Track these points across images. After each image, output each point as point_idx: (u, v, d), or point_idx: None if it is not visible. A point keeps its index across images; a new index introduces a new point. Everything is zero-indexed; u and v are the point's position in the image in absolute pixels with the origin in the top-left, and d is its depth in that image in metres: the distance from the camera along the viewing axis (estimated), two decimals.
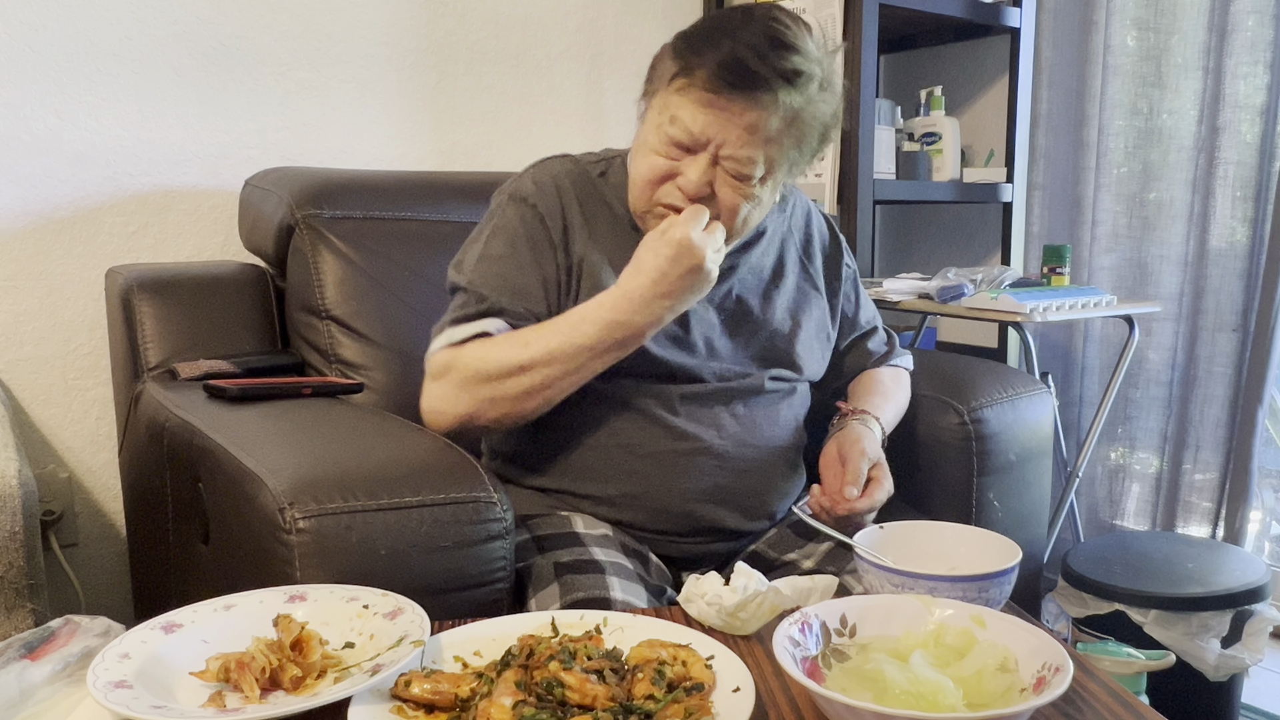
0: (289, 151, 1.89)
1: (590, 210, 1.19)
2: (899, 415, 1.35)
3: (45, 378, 1.72)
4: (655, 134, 1.09)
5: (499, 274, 1.15)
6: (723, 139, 1.06)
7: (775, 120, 1.06)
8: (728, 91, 1.03)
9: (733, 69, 1.03)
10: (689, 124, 1.06)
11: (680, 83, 1.06)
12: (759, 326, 1.23)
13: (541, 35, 2.14)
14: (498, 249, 1.17)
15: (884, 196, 2.15)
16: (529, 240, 1.16)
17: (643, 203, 1.13)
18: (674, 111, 1.07)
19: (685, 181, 1.08)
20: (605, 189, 1.20)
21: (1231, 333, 2.08)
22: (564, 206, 1.18)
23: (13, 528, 1.14)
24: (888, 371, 1.39)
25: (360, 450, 1.07)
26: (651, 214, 1.13)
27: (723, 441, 1.17)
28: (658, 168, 1.10)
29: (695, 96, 1.05)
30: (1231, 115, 2.03)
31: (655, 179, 1.10)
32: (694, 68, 1.05)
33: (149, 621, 0.81)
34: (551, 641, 0.77)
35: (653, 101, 1.11)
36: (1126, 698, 0.78)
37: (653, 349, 1.15)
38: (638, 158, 1.13)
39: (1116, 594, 1.67)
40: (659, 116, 1.09)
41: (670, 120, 1.07)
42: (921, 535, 1.01)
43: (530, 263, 1.15)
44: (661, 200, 1.11)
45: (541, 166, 1.22)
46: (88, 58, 1.68)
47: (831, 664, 0.77)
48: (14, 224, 1.66)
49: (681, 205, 1.10)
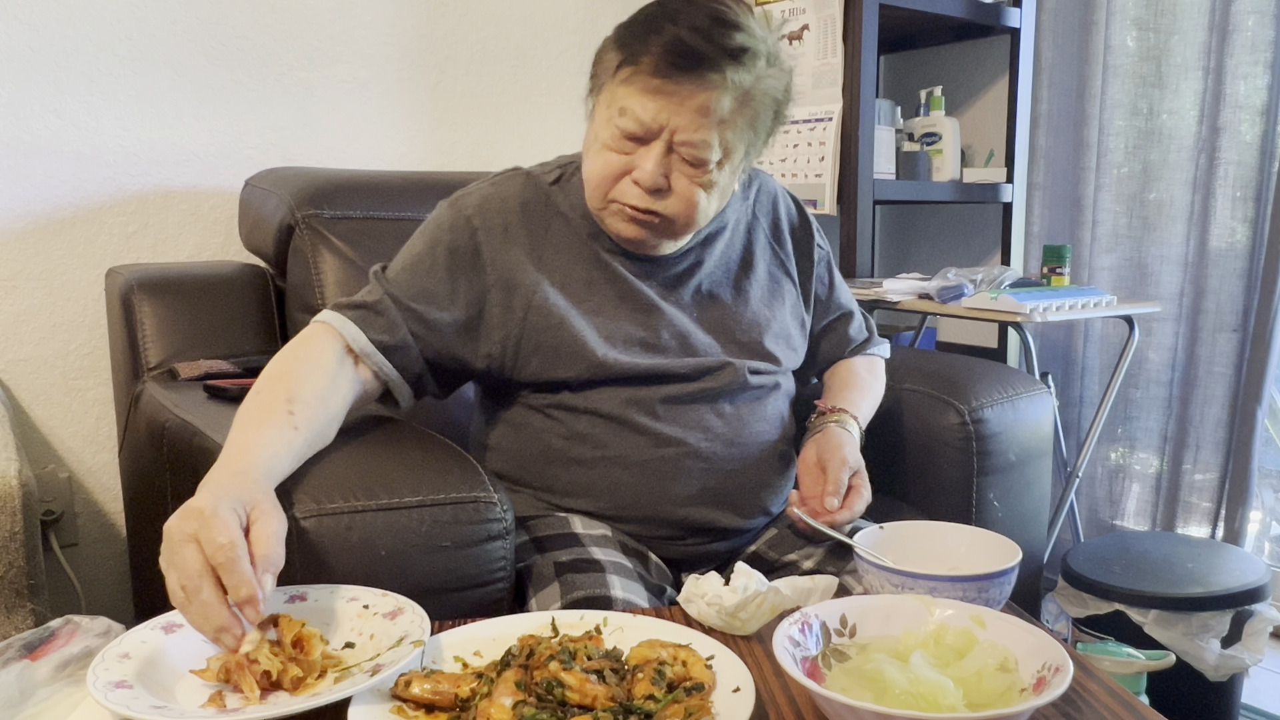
0: (289, 151, 1.89)
1: (539, 229, 1.17)
2: (875, 407, 1.35)
3: (45, 378, 1.72)
4: (605, 128, 1.07)
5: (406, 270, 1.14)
6: (675, 124, 1.04)
7: (726, 100, 1.04)
8: (675, 75, 1.02)
9: (678, 51, 1.02)
10: (639, 113, 1.04)
11: (626, 72, 1.04)
12: (733, 318, 1.22)
13: (541, 35, 2.14)
14: (418, 257, 1.15)
15: (884, 196, 2.15)
16: (450, 250, 1.14)
17: (598, 200, 1.12)
18: (622, 103, 1.05)
19: (641, 174, 1.06)
20: (560, 199, 1.19)
21: (1231, 333, 2.08)
22: (506, 227, 1.15)
23: (13, 528, 1.14)
24: (862, 361, 1.38)
25: (360, 450, 1.06)
26: (607, 211, 1.12)
27: (709, 443, 1.16)
28: (612, 164, 1.08)
29: (642, 84, 1.03)
30: (1231, 115, 2.03)
31: (610, 176, 1.08)
32: (638, 55, 1.03)
33: (149, 621, 0.81)
34: (551, 641, 0.77)
35: (599, 97, 1.10)
36: (1126, 698, 0.78)
37: (622, 357, 1.14)
38: (590, 156, 1.11)
39: (1116, 594, 1.67)
40: (607, 110, 1.07)
41: (619, 112, 1.05)
42: (921, 535, 1.01)
43: (443, 277, 1.13)
44: (618, 198, 1.10)
45: (495, 184, 1.20)
46: (88, 58, 1.68)
47: (831, 664, 0.77)
48: (14, 224, 1.66)
49: (639, 202, 1.08)
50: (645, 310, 1.18)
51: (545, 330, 1.14)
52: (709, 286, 1.22)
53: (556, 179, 1.21)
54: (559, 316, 1.14)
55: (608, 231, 1.16)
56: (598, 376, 1.14)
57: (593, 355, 1.13)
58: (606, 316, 1.16)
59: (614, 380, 1.15)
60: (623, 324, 1.16)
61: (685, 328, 1.19)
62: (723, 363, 1.19)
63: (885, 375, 1.42)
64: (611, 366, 1.14)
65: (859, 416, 1.25)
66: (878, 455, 1.33)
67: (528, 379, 1.16)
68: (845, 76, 2.03)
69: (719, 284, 1.23)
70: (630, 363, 1.14)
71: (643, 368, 1.15)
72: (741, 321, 1.22)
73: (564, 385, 1.15)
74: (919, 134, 2.32)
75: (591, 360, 1.13)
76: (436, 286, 1.13)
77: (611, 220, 1.13)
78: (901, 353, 1.63)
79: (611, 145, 1.07)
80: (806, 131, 2.09)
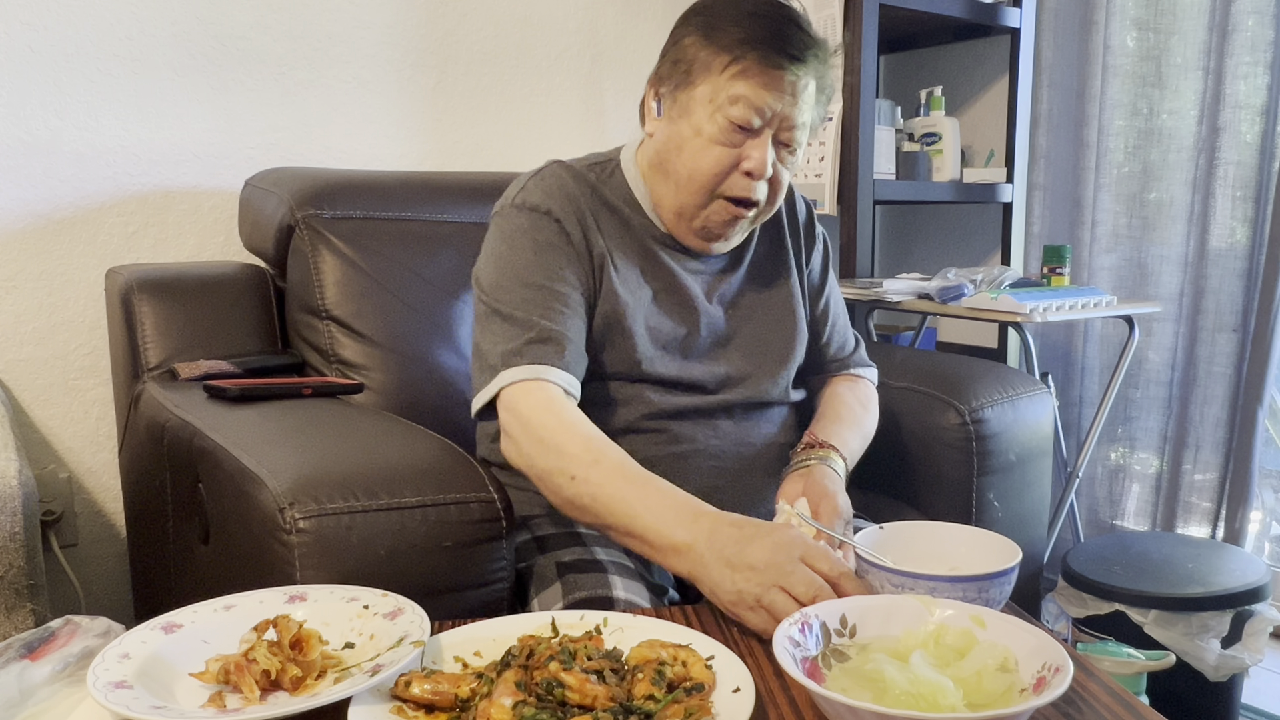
0: (289, 151, 1.89)
1: (598, 210, 1.17)
2: (864, 446, 1.27)
3: (45, 378, 1.72)
4: (711, 123, 1.08)
5: (533, 287, 1.10)
6: (786, 111, 1.08)
7: (813, 84, 1.09)
8: (786, 63, 1.06)
9: (782, 39, 1.06)
10: (755, 101, 1.06)
11: (736, 68, 1.06)
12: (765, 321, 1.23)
13: (541, 35, 2.14)
14: (522, 259, 1.12)
15: (884, 196, 2.15)
16: (549, 245, 1.12)
17: (703, 197, 1.11)
18: (734, 92, 1.06)
19: (756, 164, 1.08)
20: (606, 191, 1.19)
21: (1231, 333, 2.08)
22: (576, 209, 1.15)
23: (13, 528, 1.14)
24: (854, 393, 1.32)
25: (360, 450, 1.06)
26: (709, 207, 1.12)
27: (719, 442, 1.17)
28: (724, 158, 1.09)
29: (757, 75, 1.06)
30: (1231, 115, 2.03)
31: (723, 170, 1.09)
32: (744, 52, 1.06)
33: (149, 621, 0.81)
34: (551, 642, 0.77)
35: (693, 92, 1.09)
36: (1126, 698, 0.78)
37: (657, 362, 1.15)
38: (689, 153, 1.10)
39: (1116, 594, 1.67)
40: (711, 104, 1.08)
41: (731, 102, 1.07)
42: (921, 535, 1.01)
43: (556, 266, 1.11)
44: (725, 193, 1.11)
45: (542, 175, 1.19)
46: (88, 58, 1.68)
47: (831, 664, 0.77)
48: (14, 224, 1.66)
49: (748, 194, 1.10)
50: (688, 307, 1.18)
51: (604, 312, 1.14)
52: (747, 282, 1.23)
53: (599, 175, 1.20)
54: (617, 302, 1.14)
55: (685, 233, 1.16)
56: (632, 374, 1.14)
57: (633, 351, 1.14)
58: (653, 311, 1.17)
59: (643, 379, 1.15)
60: (666, 320, 1.17)
61: (721, 328, 1.20)
62: (747, 375, 1.20)
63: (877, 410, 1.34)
64: (646, 369, 1.14)
65: (847, 456, 1.19)
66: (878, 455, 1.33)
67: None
68: (845, 76, 2.03)
69: (755, 280, 1.24)
70: (664, 369, 1.15)
71: (675, 375, 1.16)
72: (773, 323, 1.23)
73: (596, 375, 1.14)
74: (919, 134, 2.32)
75: (631, 357, 1.14)
76: (560, 290, 1.11)
77: (709, 216, 1.13)
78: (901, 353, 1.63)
79: (720, 139, 1.08)
80: None
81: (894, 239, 2.72)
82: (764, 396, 1.21)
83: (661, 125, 1.13)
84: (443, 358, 1.52)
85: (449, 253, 1.58)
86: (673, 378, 1.16)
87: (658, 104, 1.14)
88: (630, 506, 0.97)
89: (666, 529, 0.94)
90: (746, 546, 0.88)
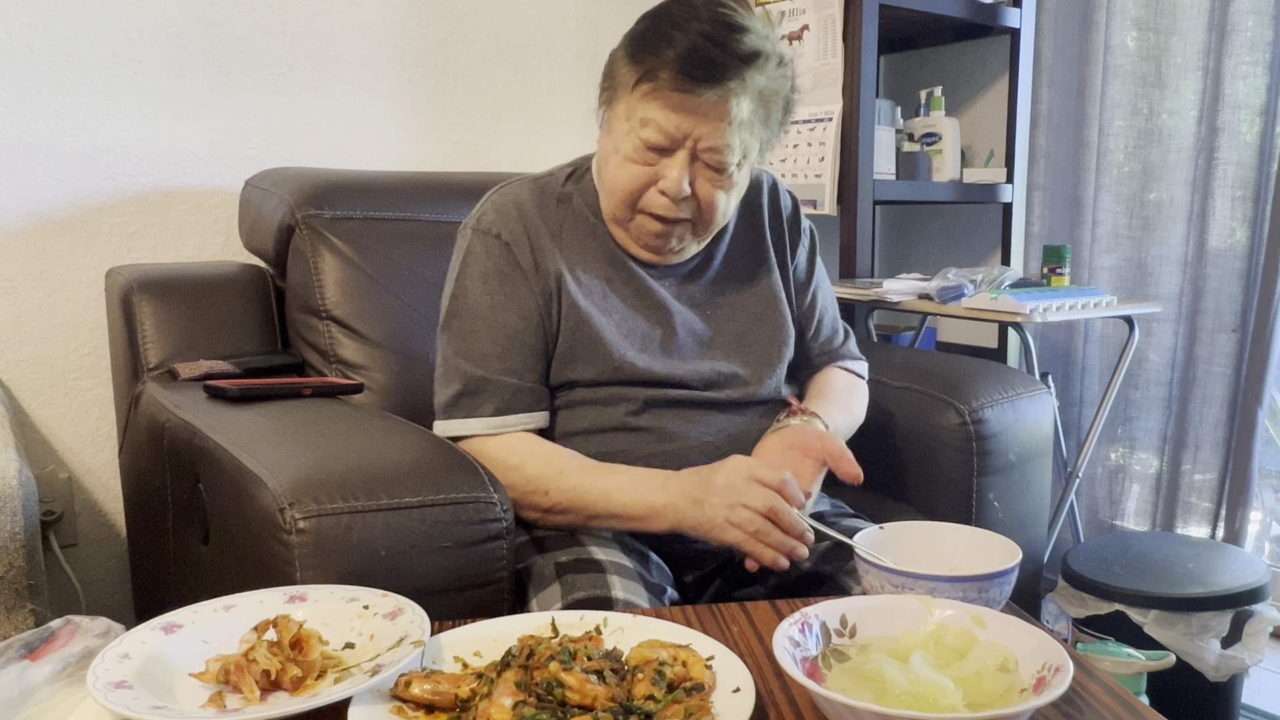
0: (289, 151, 1.89)
1: (555, 225, 1.18)
2: (851, 428, 1.29)
3: (45, 378, 1.72)
4: (626, 140, 1.09)
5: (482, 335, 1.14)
6: (699, 133, 1.06)
7: (745, 104, 1.06)
8: (695, 85, 1.03)
9: (695, 62, 1.03)
10: (663, 124, 1.06)
11: (645, 87, 1.06)
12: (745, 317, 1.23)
13: (541, 35, 2.14)
14: (471, 288, 1.16)
15: (884, 197, 2.15)
16: (499, 274, 1.15)
17: (624, 211, 1.13)
18: (643, 115, 1.06)
19: (668, 184, 1.08)
20: (575, 197, 1.20)
21: (1231, 333, 2.08)
22: (528, 228, 1.16)
23: (13, 528, 1.14)
24: (842, 378, 1.34)
25: (360, 450, 1.07)
26: (633, 221, 1.14)
27: (712, 439, 1.17)
28: (637, 176, 1.09)
29: (664, 98, 1.05)
30: (1231, 115, 2.03)
31: (637, 188, 1.10)
32: (655, 69, 1.04)
33: (149, 622, 0.81)
34: (551, 642, 0.77)
35: (615, 109, 1.11)
36: (1126, 698, 0.78)
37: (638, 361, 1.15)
38: (611, 168, 1.12)
39: (1116, 594, 1.67)
40: (627, 123, 1.08)
41: (641, 124, 1.07)
42: (921, 535, 1.01)
43: (506, 304, 1.15)
44: (644, 208, 1.12)
45: (500, 193, 1.21)
46: (88, 58, 1.68)
47: (831, 664, 0.77)
48: (14, 224, 1.66)
49: (665, 212, 1.10)
50: (659, 309, 1.19)
51: (567, 329, 1.15)
52: (721, 283, 1.23)
53: (567, 179, 1.22)
54: (580, 315, 1.15)
55: (627, 243, 1.17)
56: (613, 378, 1.15)
57: (609, 356, 1.14)
58: (624, 315, 1.17)
59: (626, 382, 1.15)
60: (641, 321, 1.18)
61: (698, 328, 1.20)
62: (734, 374, 1.20)
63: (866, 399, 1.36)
64: (627, 370, 1.15)
65: (829, 425, 1.19)
66: (878, 455, 1.33)
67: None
68: (845, 77, 2.03)
69: (730, 280, 1.24)
70: (645, 368, 1.15)
71: (658, 373, 1.16)
72: (754, 320, 1.23)
73: (575, 384, 1.16)
74: (919, 134, 2.32)
75: (608, 362, 1.14)
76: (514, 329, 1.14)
77: (636, 229, 1.14)
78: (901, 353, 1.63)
79: (634, 157, 1.08)
80: (806, 132, 2.08)
81: (894, 239, 2.73)
82: (754, 396, 1.21)
83: (600, 138, 1.15)
84: None
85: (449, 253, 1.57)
86: (658, 376, 1.16)
87: (600, 115, 1.15)
88: (605, 494, 1.07)
89: (641, 499, 1.06)
90: (706, 482, 1.03)
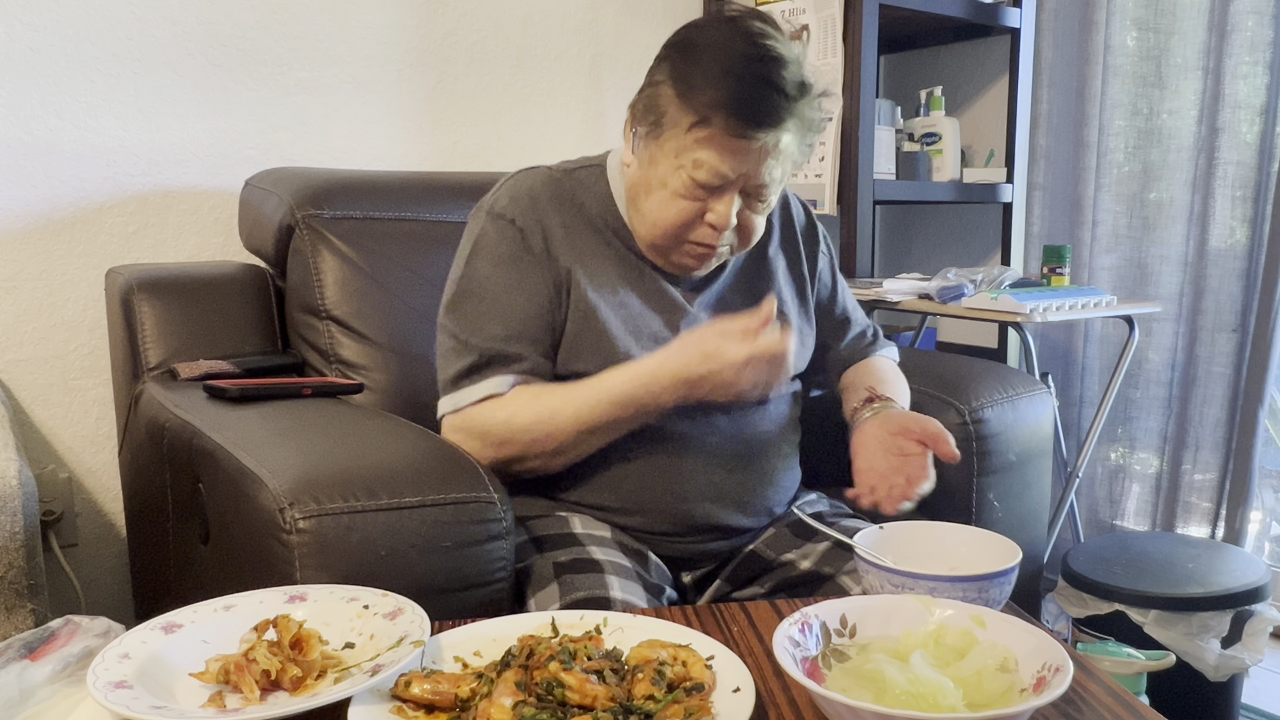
0: (289, 151, 1.89)
1: (568, 218, 1.18)
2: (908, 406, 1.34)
3: (45, 378, 1.72)
4: (676, 177, 1.09)
5: (488, 303, 1.14)
6: (750, 172, 1.08)
7: (790, 138, 1.08)
8: (751, 131, 1.05)
9: (752, 109, 1.04)
10: (717, 167, 1.06)
11: (700, 133, 1.06)
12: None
13: (541, 35, 2.14)
14: (481, 271, 1.16)
15: (884, 196, 2.15)
16: (511, 258, 1.15)
17: (667, 242, 1.13)
18: (696, 157, 1.06)
19: (718, 218, 1.09)
20: (583, 195, 1.20)
21: (1231, 333, 2.08)
22: (541, 217, 1.17)
23: (13, 528, 1.14)
24: (886, 362, 1.39)
25: (360, 450, 1.07)
26: (676, 250, 1.14)
27: (715, 438, 1.17)
28: (686, 211, 1.10)
29: (720, 143, 1.05)
30: (1231, 115, 2.03)
31: (685, 223, 1.11)
32: (710, 116, 1.05)
33: (149, 622, 0.81)
34: (551, 642, 0.77)
35: (662, 145, 1.09)
36: (1126, 698, 0.78)
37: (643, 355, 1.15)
38: (655, 202, 1.11)
39: (1116, 594, 1.67)
40: (678, 160, 1.08)
41: (694, 165, 1.07)
42: (921, 535, 1.01)
43: (514, 281, 1.15)
44: (692, 239, 1.13)
45: (516, 179, 1.21)
46: (88, 58, 1.68)
47: (831, 664, 0.77)
48: (14, 224, 1.66)
49: (712, 241, 1.12)
50: (670, 310, 1.19)
51: (575, 319, 1.15)
52: (732, 292, 1.23)
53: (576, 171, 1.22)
54: (589, 306, 1.15)
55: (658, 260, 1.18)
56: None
57: (614, 350, 1.14)
58: (634, 313, 1.17)
59: None
60: (654, 317, 1.18)
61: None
62: None
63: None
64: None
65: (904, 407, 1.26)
66: None
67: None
68: (845, 76, 2.03)
69: (741, 289, 1.24)
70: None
71: None
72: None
73: (579, 376, 1.15)
74: (919, 134, 2.32)
75: (613, 355, 1.14)
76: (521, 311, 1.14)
77: (678, 256, 1.15)
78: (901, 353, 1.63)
79: (683, 193, 1.09)
80: None
81: (894, 239, 2.73)
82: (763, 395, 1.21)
83: (635, 163, 1.15)
84: None
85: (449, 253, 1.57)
86: None
87: (634, 138, 1.14)
88: (599, 398, 1.09)
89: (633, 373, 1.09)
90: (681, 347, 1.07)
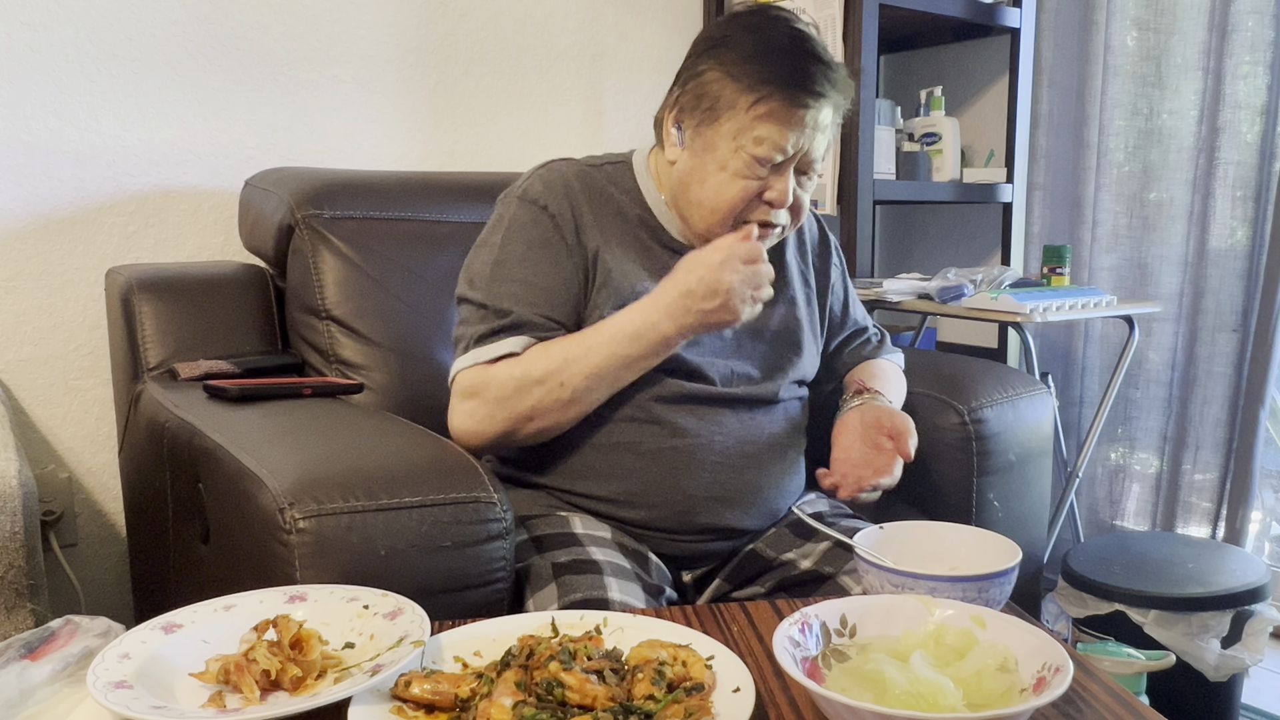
0: (289, 151, 1.89)
1: (597, 208, 1.20)
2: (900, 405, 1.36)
3: (45, 378, 1.72)
4: (736, 158, 1.11)
5: (517, 282, 1.15)
6: (806, 145, 1.12)
7: (830, 111, 1.13)
8: (809, 101, 1.09)
9: (806, 77, 1.09)
10: (779, 141, 1.10)
11: (761, 109, 1.09)
12: (770, 328, 1.25)
13: (541, 35, 2.14)
14: (513, 253, 1.17)
15: (884, 196, 2.15)
16: (543, 241, 1.16)
17: (723, 227, 1.15)
18: (758, 134, 1.10)
19: (777, 195, 1.13)
20: (611, 188, 1.22)
21: (1231, 333, 2.08)
22: (573, 205, 1.18)
23: (13, 528, 1.14)
24: (888, 364, 1.40)
25: (360, 450, 1.07)
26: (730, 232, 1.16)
27: (723, 438, 1.17)
28: (748, 190, 1.13)
29: (780, 116, 1.09)
30: (1231, 115, 2.03)
31: (747, 201, 1.14)
32: (770, 91, 1.09)
33: (149, 622, 0.81)
34: (551, 642, 0.77)
35: (719, 129, 1.12)
36: (1126, 698, 0.78)
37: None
38: (713, 185, 1.13)
39: (1116, 594, 1.67)
40: (736, 142, 1.11)
41: (755, 143, 1.10)
42: (921, 535, 1.01)
43: (546, 263, 1.16)
44: (750, 218, 1.15)
45: (548, 168, 1.23)
46: (88, 58, 1.68)
47: (831, 664, 0.77)
48: (14, 224, 1.66)
49: (772, 219, 1.15)
50: None
51: (600, 303, 1.16)
52: None
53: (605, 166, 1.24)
54: (613, 291, 1.16)
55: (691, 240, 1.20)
56: None
57: None
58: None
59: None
60: None
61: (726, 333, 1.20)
62: (747, 373, 1.22)
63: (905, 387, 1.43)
64: None
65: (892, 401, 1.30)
66: None
67: None
68: None
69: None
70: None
71: (683, 360, 1.17)
72: (778, 332, 1.25)
73: None
74: (919, 134, 2.32)
75: None
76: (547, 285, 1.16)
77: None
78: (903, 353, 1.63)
79: (744, 173, 1.12)
80: None
81: (894, 239, 2.73)
82: (761, 396, 1.22)
83: (684, 156, 1.16)
84: (443, 358, 1.52)
85: (449, 253, 1.58)
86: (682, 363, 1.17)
87: (679, 132, 1.17)
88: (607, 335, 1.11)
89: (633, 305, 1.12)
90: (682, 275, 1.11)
